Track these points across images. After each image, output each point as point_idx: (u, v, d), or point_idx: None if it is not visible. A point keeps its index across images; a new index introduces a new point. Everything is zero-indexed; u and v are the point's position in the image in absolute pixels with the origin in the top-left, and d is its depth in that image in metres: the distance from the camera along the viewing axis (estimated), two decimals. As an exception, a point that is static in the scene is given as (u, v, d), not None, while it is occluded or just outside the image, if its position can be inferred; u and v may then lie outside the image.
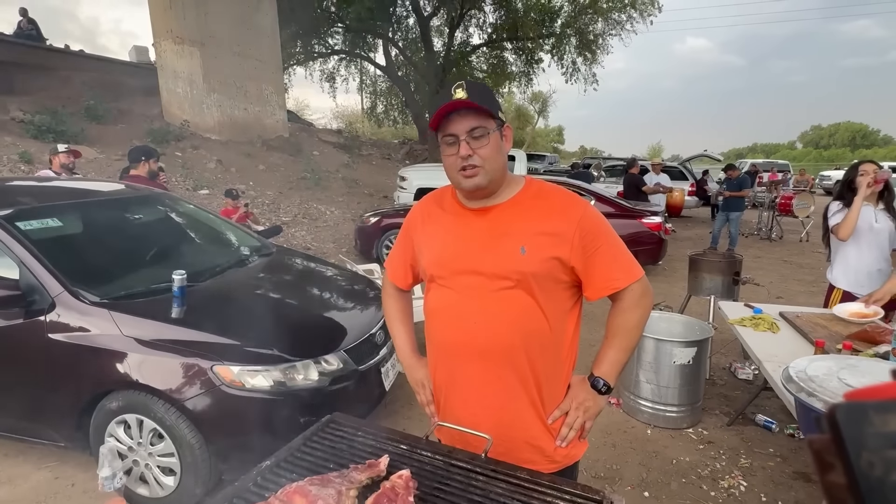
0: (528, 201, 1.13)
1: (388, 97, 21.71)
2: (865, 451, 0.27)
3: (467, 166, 1.06)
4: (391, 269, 1.37)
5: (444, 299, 1.15)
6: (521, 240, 1.08)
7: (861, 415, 0.27)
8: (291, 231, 7.99)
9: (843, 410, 0.28)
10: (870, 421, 0.27)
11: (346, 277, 3.32)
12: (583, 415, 1.15)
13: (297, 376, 2.15)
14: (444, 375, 1.20)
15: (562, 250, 1.07)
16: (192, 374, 2.01)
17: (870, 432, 0.27)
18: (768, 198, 9.78)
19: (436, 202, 1.26)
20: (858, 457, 0.27)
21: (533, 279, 1.06)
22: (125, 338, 2.07)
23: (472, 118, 1.05)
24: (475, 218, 1.14)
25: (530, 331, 1.09)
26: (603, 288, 1.11)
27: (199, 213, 3.46)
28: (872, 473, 0.26)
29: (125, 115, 11.45)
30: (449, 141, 1.07)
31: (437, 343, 1.20)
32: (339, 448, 1.01)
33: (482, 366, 1.11)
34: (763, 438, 2.76)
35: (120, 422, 2.11)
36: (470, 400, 1.15)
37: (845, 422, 0.27)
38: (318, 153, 13.85)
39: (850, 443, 0.27)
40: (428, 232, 1.22)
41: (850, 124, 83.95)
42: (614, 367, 1.15)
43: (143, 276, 2.53)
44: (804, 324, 2.44)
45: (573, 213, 1.09)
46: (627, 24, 16.36)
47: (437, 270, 1.16)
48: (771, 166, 17.29)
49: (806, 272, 6.82)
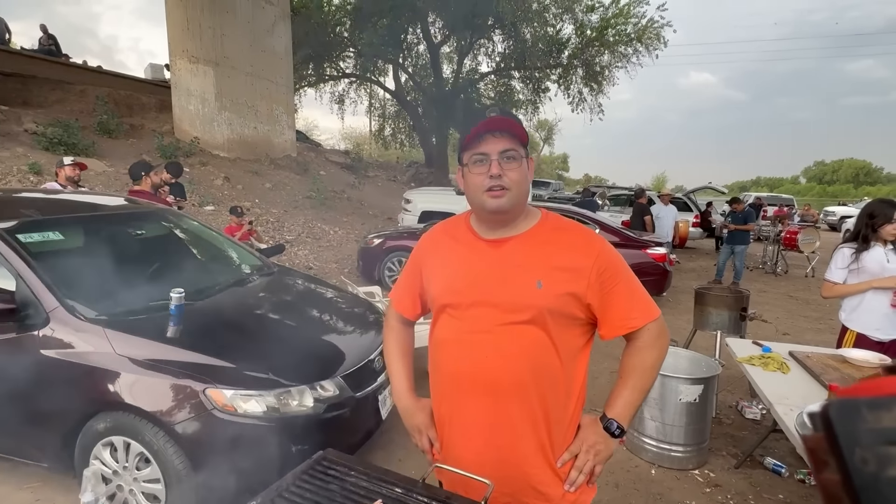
0: (545, 234, 1.10)
1: (396, 120, 22.04)
2: (859, 448, 0.27)
3: (495, 186, 1.04)
4: (397, 298, 1.32)
5: (454, 330, 1.11)
6: (537, 273, 1.05)
7: (854, 411, 0.28)
8: (294, 250, 7.98)
9: (836, 407, 0.28)
10: (863, 417, 0.27)
11: (347, 300, 3.27)
12: (593, 458, 1.08)
13: (292, 402, 2.09)
14: (448, 409, 1.15)
15: (578, 286, 1.04)
16: (184, 396, 1.95)
17: (863, 428, 0.27)
18: (773, 232, 9.75)
19: (447, 231, 1.23)
20: (852, 453, 0.27)
21: (548, 314, 1.03)
22: (118, 357, 2.02)
23: (507, 140, 1.04)
24: (490, 249, 1.11)
25: (542, 367, 1.05)
26: (619, 327, 1.08)
27: (201, 230, 3.45)
28: (866, 469, 0.26)
29: (137, 130, 11.62)
30: (479, 159, 1.06)
31: (443, 375, 1.15)
32: (331, 489, 0.95)
33: (489, 402, 1.07)
34: (772, 483, 2.65)
35: (106, 444, 2.05)
36: (474, 437, 1.10)
37: (838, 419, 0.28)
38: (324, 173, 13.98)
39: (843, 439, 0.27)
40: (439, 261, 1.19)
41: (853, 161, 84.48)
42: (628, 409, 1.10)
43: (141, 293, 2.49)
44: (815, 365, 2.37)
45: (591, 249, 1.07)
46: (633, 57, 16.64)
47: (448, 300, 1.12)
48: (776, 200, 17.31)
49: (812, 308, 6.73)
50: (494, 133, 1.04)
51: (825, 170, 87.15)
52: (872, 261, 2.66)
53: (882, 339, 2.68)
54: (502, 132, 1.04)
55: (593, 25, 16.52)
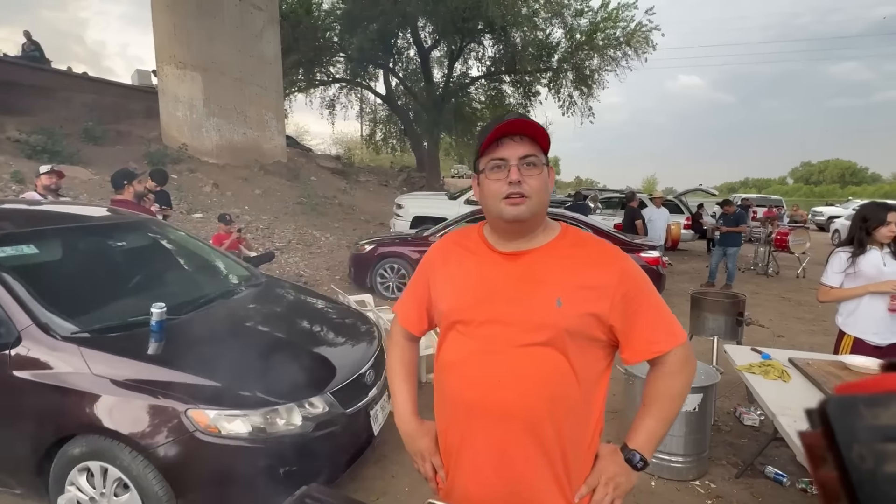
0: (566, 249, 1.02)
1: (387, 125, 21.97)
2: (856, 444, 0.27)
3: (514, 194, 0.97)
4: (403, 312, 1.23)
5: (463, 351, 1.02)
6: (557, 290, 0.97)
7: (851, 408, 0.28)
8: (285, 257, 7.86)
9: (834, 404, 0.28)
10: (860, 414, 0.27)
11: (337, 311, 3.19)
12: (612, 492, 1.00)
13: (279, 421, 2.00)
14: (456, 437, 1.05)
15: (601, 306, 0.96)
16: (164, 418, 1.85)
17: (860, 425, 0.27)
18: (764, 233, 9.79)
19: (458, 242, 1.14)
20: (849, 449, 0.27)
21: (567, 335, 0.95)
22: (94, 377, 1.92)
23: (527, 145, 0.97)
24: (505, 262, 1.03)
25: (559, 394, 0.96)
26: (643, 351, 1.00)
27: (186, 240, 3.35)
28: (863, 466, 0.26)
29: (124, 137, 11.46)
30: (496, 165, 0.99)
31: (450, 400, 1.06)
32: (314, 532, 0.87)
33: (501, 431, 0.98)
34: (774, 493, 2.60)
35: (83, 469, 1.94)
36: (483, 468, 1.01)
37: (836, 415, 0.28)
38: (315, 178, 13.87)
39: (840, 436, 0.27)
40: (449, 273, 1.10)
41: (839, 161, 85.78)
42: (652, 440, 1.02)
43: (120, 308, 2.39)
44: (816, 372, 2.33)
45: (614, 267, 0.99)
46: (623, 60, 16.76)
47: (458, 317, 1.03)
48: (765, 202, 17.45)
49: (805, 310, 6.74)
50: (514, 137, 0.97)
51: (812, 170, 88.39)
52: (869, 265, 2.63)
53: (879, 344, 2.64)
54: (523, 137, 0.97)
55: (583, 29, 16.61)
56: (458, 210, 8.37)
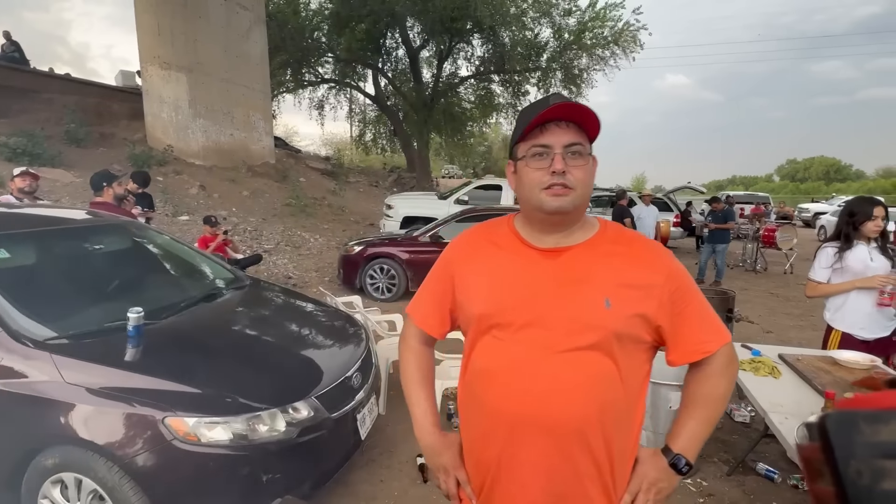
0: (608, 246, 0.95)
1: (377, 125, 21.88)
2: (854, 460, 0.28)
3: (557, 184, 0.89)
4: (420, 313, 1.11)
5: (503, 358, 0.93)
6: (604, 290, 0.90)
7: (851, 424, 0.29)
8: (273, 259, 7.77)
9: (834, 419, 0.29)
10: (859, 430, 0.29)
11: (323, 313, 3.12)
12: (654, 497, 0.95)
13: (262, 427, 1.94)
14: (494, 452, 0.96)
15: (649, 306, 0.90)
16: (141, 427, 1.78)
17: (859, 441, 0.28)
18: (752, 230, 9.86)
19: (485, 236, 1.05)
20: (847, 465, 0.28)
21: (615, 338, 0.88)
22: (67, 385, 1.85)
23: (574, 133, 0.90)
24: (543, 259, 0.95)
25: (608, 401, 0.90)
26: (693, 352, 0.94)
27: (167, 243, 3.27)
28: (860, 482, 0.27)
29: (107, 139, 11.26)
30: (538, 152, 0.91)
31: (488, 412, 0.96)
32: (286, 549, 0.82)
33: (550, 444, 0.90)
34: (765, 490, 2.59)
35: (56, 481, 1.86)
36: (530, 485, 0.93)
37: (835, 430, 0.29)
38: (304, 180, 13.75)
39: (839, 451, 0.28)
40: (478, 271, 1.00)
41: (823, 159, 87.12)
42: (695, 443, 0.95)
43: (97, 313, 2.31)
44: (806, 368, 2.32)
45: (661, 265, 0.93)
46: (611, 59, 16.86)
47: (495, 320, 0.94)
48: (753, 199, 17.62)
49: (793, 305, 6.79)
50: (560, 123, 0.89)
51: (797, 167, 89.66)
52: (856, 260, 2.63)
53: (867, 339, 2.65)
54: (569, 123, 0.89)
55: (571, 29, 16.68)
56: (448, 210, 8.33)
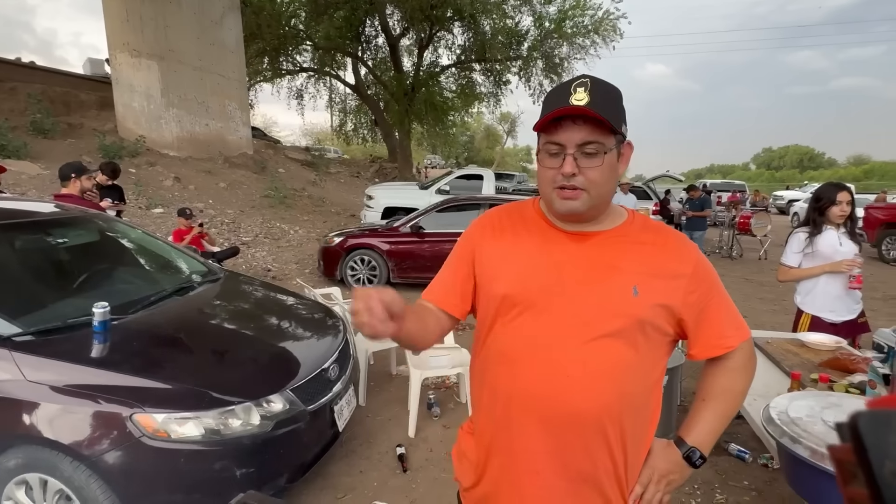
0: (637, 234, 0.93)
1: (358, 115, 21.60)
2: (889, 461, 0.26)
3: (567, 186, 0.86)
4: (437, 293, 1.02)
5: (523, 341, 0.90)
6: (632, 278, 0.87)
7: (884, 423, 0.27)
8: (252, 252, 7.64)
9: (866, 419, 0.27)
10: (893, 429, 0.27)
11: (301, 305, 3.08)
12: (664, 488, 0.94)
13: (235, 422, 1.91)
14: (509, 437, 0.93)
15: (675, 298, 0.88)
16: (107, 425, 1.73)
17: (893, 441, 0.27)
18: (728, 217, 10.06)
19: (510, 215, 1.01)
20: (881, 465, 0.26)
21: (639, 327, 0.87)
22: (29, 384, 1.78)
23: (589, 130, 0.84)
24: (570, 242, 0.92)
25: (628, 391, 0.88)
26: (715, 346, 0.92)
27: (138, 236, 3.17)
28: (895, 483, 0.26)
29: (76, 129, 10.90)
30: (552, 150, 0.87)
31: (505, 396, 0.92)
32: (247, 544, 0.80)
33: (566, 431, 0.88)
34: (737, 469, 2.66)
35: (20, 482, 1.81)
36: (543, 472, 0.91)
37: (867, 430, 0.27)
38: (283, 170, 13.54)
39: (872, 451, 0.27)
40: (502, 250, 0.96)
41: (798, 147, 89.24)
42: (711, 437, 0.94)
43: (61, 309, 2.23)
44: (775, 351, 2.37)
45: (689, 256, 0.91)
46: (591, 48, 16.89)
47: (517, 302, 0.91)
48: (729, 187, 17.96)
49: (767, 290, 6.96)
50: (577, 119, 0.84)
51: (773, 156, 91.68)
52: (825, 244, 2.69)
53: (835, 321, 2.72)
54: (586, 119, 0.84)
55: (551, 17, 16.64)
56: (430, 200, 8.29)
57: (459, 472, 1.07)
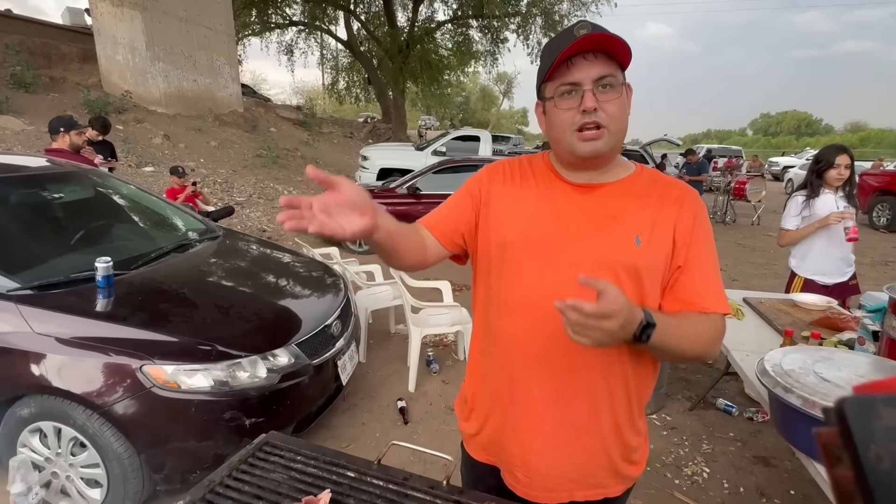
0: (643, 187, 0.92)
1: (350, 73, 20.94)
2: (874, 445, 0.27)
3: (589, 125, 0.83)
4: (431, 220, 1.01)
5: (526, 290, 0.90)
6: (634, 228, 0.88)
7: (870, 408, 0.28)
8: (246, 212, 7.57)
9: (852, 403, 0.28)
10: (879, 414, 0.27)
11: (301, 263, 3.10)
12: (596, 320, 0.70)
13: (242, 374, 1.95)
14: (510, 383, 0.95)
15: (675, 248, 0.88)
16: (117, 375, 1.77)
17: (879, 425, 0.27)
18: (724, 182, 10.06)
19: (521, 165, 1.01)
20: (867, 450, 0.27)
21: (640, 276, 0.87)
22: (37, 336, 1.80)
23: (603, 64, 0.83)
24: (577, 194, 0.92)
25: None
26: (687, 303, 0.88)
27: (133, 192, 3.13)
28: (881, 467, 0.26)
29: (58, 83, 10.49)
30: (566, 90, 0.85)
31: (508, 343, 0.94)
32: (273, 479, 0.84)
33: (569, 377, 0.90)
34: (724, 422, 2.79)
35: (34, 430, 1.86)
36: (545, 417, 0.92)
37: (854, 415, 0.27)
38: (275, 130, 13.23)
39: (858, 436, 0.27)
40: (509, 196, 0.96)
41: (795, 113, 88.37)
42: (664, 326, 0.79)
43: (63, 264, 2.23)
44: (768, 310, 2.43)
45: (691, 208, 0.91)
46: (592, 5, 16.34)
47: (520, 250, 0.91)
48: (726, 152, 17.90)
49: (758, 255, 7.06)
50: (588, 55, 0.82)
51: (770, 122, 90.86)
52: (823, 207, 2.71)
53: (827, 283, 2.79)
54: (597, 53, 0.82)
55: (552, -29, 15.97)
56: (426, 161, 8.19)
57: (462, 420, 1.11)
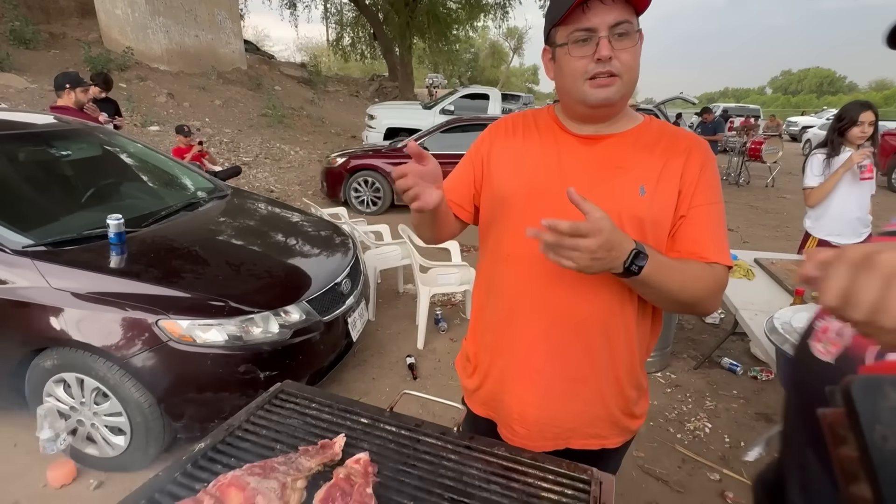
0: (650, 138, 0.90)
1: (356, 28, 20.24)
2: (879, 425, 0.27)
3: (602, 73, 0.82)
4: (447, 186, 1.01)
5: (530, 243, 0.82)
6: (640, 178, 0.86)
7: (876, 389, 0.27)
8: (253, 172, 7.54)
9: (858, 384, 0.28)
10: (884, 395, 0.27)
11: (310, 222, 3.10)
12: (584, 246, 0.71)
13: (255, 329, 2.00)
14: (512, 336, 0.95)
15: (681, 198, 0.87)
16: (135, 329, 1.82)
17: (884, 406, 0.27)
18: (739, 143, 9.79)
19: (525, 119, 1.00)
20: (872, 430, 0.27)
21: (645, 226, 0.85)
22: (55, 291, 1.84)
23: (621, 9, 0.80)
24: (580, 145, 0.91)
25: (631, 292, 0.88)
26: (688, 252, 0.86)
27: (141, 151, 3.11)
28: (886, 447, 0.26)
29: (58, 39, 10.28)
30: (580, 37, 0.82)
31: (512, 296, 0.93)
32: (289, 424, 0.87)
33: (570, 329, 0.90)
34: (728, 381, 2.83)
35: (58, 381, 1.93)
36: (544, 370, 0.92)
37: (860, 396, 0.27)
38: (279, 88, 12.97)
39: (864, 416, 0.27)
40: (512, 150, 0.96)
41: (818, 70, 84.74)
42: (658, 265, 0.78)
43: (73, 222, 2.25)
44: (779, 271, 2.42)
45: (698, 157, 0.88)
46: (610, -47, 15.41)
47: (523, 202, 0.90)
48: (744, 111, 17.32)
49: (771, 217, 6.96)
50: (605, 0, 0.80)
51: (791, 79, 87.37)
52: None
53: (842, 245, 2.74)
54: None
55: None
56: (434, 120, 8.03)
57: (463, 377, 1.13)
